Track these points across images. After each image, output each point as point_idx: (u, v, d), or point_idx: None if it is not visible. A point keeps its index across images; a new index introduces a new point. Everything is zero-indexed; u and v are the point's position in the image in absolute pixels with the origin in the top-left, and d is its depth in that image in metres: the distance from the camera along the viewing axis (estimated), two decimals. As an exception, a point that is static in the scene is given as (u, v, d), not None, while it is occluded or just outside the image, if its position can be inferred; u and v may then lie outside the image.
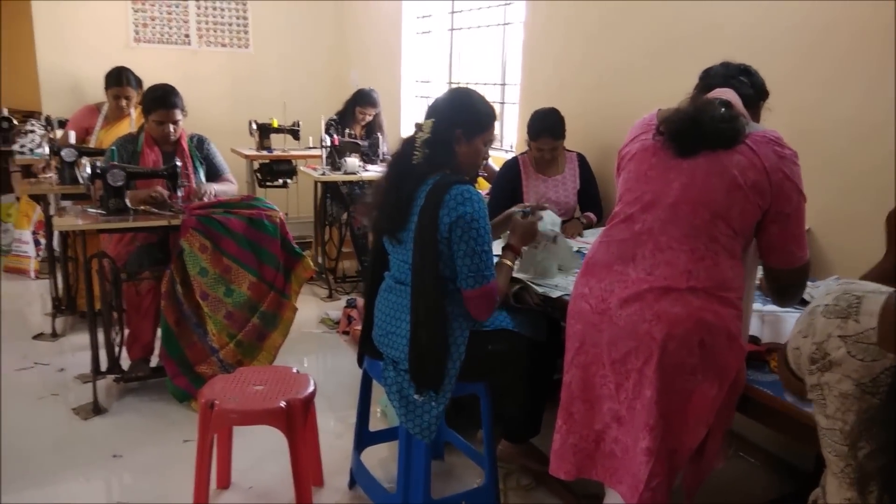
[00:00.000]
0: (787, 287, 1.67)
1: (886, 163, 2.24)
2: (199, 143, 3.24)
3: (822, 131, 2.41)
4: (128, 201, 2.84)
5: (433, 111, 2.01)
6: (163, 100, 3.00)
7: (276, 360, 2.99)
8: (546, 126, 3.09)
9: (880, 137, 2.26)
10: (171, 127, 3.03)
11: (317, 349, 3.66)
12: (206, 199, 2.95)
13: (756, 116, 1.73)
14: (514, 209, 2.30)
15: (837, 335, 0.99)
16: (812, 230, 2.36)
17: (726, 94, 1.63)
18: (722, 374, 1.51)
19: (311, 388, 2.09)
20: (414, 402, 1.95)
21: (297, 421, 1.99)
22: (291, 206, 5.23)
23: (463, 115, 2.00)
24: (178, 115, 3.05)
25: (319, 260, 4.61)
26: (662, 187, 1.57)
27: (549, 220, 2.28)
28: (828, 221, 2.35)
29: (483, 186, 4.01)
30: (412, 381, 1.94)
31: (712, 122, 1.53)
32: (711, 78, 1.73)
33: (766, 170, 1.49)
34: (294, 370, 2.20)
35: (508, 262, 2.11)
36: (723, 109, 1.54)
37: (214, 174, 3.24)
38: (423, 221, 1.90)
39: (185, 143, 3.14)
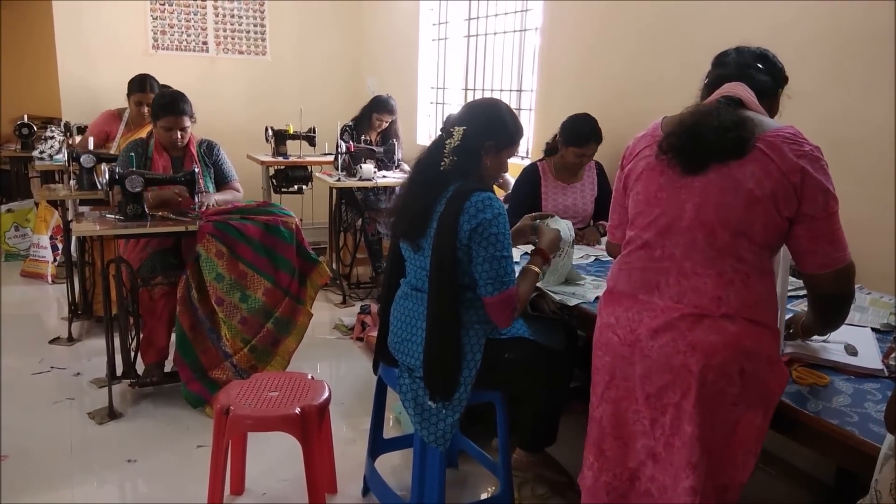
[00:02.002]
0: (828, 299, 1.52)
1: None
2: (209, 148, 3.24)
3: (852, 140, 2.38)
4: (146, 206, 2.86)
5: (464, 119, 1.99)
6: (171, 106, 3.01)
7: (290, 366, 2.99)
8: (594, 131, 3.06)
9: (887, 140, 2.23)
10: (179, 133, 3.04)
11: (331, 355, 3.65)
12: (208, 209, 2.94)
13: (774, 106, 1.63)
14: (525, 220, 2.29)
15: None
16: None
17: (736, 89, 1.53)
18: (766, 400, 1.44)
19: (325, 395, 2.09)
20: (429, 410, 1.94)
21: (311, 427, 1.98)
22: (306, 212, 5.24)
23: (496, 127, 1.99)
24: (187, 121, 3.05)
25: (334, 266, 4.61)
26: (676, 210, 1.49)
27: (566, 227, 2.26)
28: (855, 230, 2.30)
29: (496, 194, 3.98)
30: (427, 389, 1.92)
31: (715, 132, 1.43)
32: (724, 67, 1.63)
33: (784, 173, 1.38)
34: (309, 376, 2.20)
35: (536, 268, 2.07)
36: (728, 112, 1.44)
37: (222, 180, 3.24)
38: (442, 228, 1.89)
39: (193, 149, 3.15)
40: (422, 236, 1.96)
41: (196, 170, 2.91)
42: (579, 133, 3.05)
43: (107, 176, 2.78)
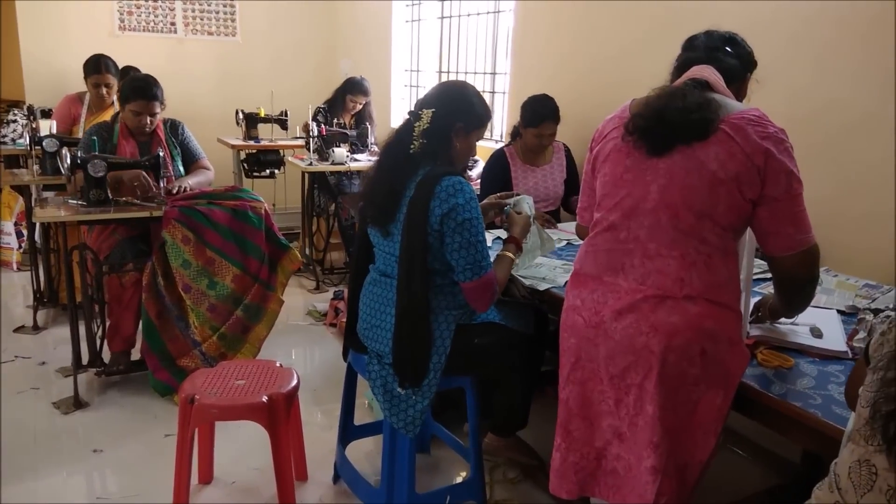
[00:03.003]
0: (793, 281, 1.51)
1: (884, 155, 2.22)
2: (173, 127, 3.15)
3: (817, 121, 2.39)
4: (109, 191, 2.78)
5: (433, 101, 1.96)
6: (143, 90, 2.92)
7: (260, 353, 2.95)
8: (549, 110, 3.06)
9: (878, 129, 2.24)
10: (149, 119, 2.96)
11: (303, 341, 3.62)
12: (179, 193, 2.86)
13: (742, 90, 1.63)
14: (490, 200, 2.28)
15: None
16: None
17: (703, 72, 1.53)
18: (726, 380, 1.45)
19: (294, 382, 2.06)
20: (398, 397, 1.92)
21: (279, 416, 1.96)
22: (279, 196, 5.18)
23: (465, 109, 1.97)
24: (158, 107, 2.97)
25: (307, 251, 4.56)
26: (641, 191, 1.49)
27: (528, 204, 2.25)
28: (821, 212, 2.32)
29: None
30: (396, 375, 1.91)
31: (680, 114, 1.43)
32: (693, 50, 1.62)
33: (748, 155, 1.38)
34: (277, 364, 2.17)
35: (510, 255, 2.07)
36: (694, 94, 1.44)
37: (190, 160, 3.17)
38: (412, 213, 1.86)
39: (161, 133, 3.07)
40: (391, 221, 1.93)
41: (161, 153, 2.84)
42: (534, 113, 3.07)
43: (68, 160, 2.70)
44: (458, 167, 2.03)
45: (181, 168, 3.10)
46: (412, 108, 2.00)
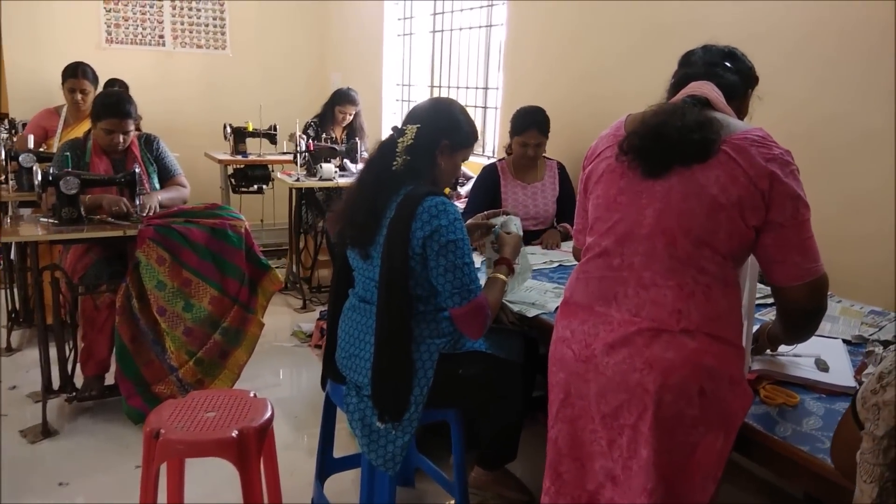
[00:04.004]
0: (799, 312, 1.41)
1: (888, 173, 2.12)
2: (148, 143, 3.03)
3: (818, 137, 2.29)
4: (82, 209, 2.67)
5: (418, 117, 1.87)
6: (115, 107, 2.80)
7: (242, 376, 2.84)
8: (535, 119, 2.98)
9: (882, 146, 2.15)
10: (122, 137, 2.83)
11: (287, 364, 3.49)
12: (149, 213, 2.75)
13: (743, 107, 1.54)
14: (476, 221, 2.19)
15: None
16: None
17: (703, 88, 1.43)
18: (727, 423, 1.34)
19: (267, 415, 1.94)
20: (377, 431, 1.81)
21: (250, 451, 1.83)
22: (267, 212, 5.07)
23: (452, 127, 1.88)
24: (131, 125, 2.85)
25: (294, 269, 4.45)
26: (635, 215, 1.38)
27: (515, 225, 2.16)
28: (823, 234, 2.22)
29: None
30: (375, 409, 1.79)
31: (679, 133, 1.33)
32: (690, 66, 1.53)
33: (751, 178, 1.28)
34: (251, 394, 2.04)
35: (503, 277, 1.97)
36: (694, 112, 1.35)
37: (166, 176, 3.05)
38: (392, 235, 1.76)
39: (137, 150, 2.94)
40: (371, 244, 1.83)
41: (137, 170, 2.73)
42: (520, 121, 3.00)
43: (39, 177, 2.59)
44: (442, 187, 1.93)
45: (157, 184, 2.99)
46: (397, 125, 1.91)
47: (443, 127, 1.87)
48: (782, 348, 1.68)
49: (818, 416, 1.45)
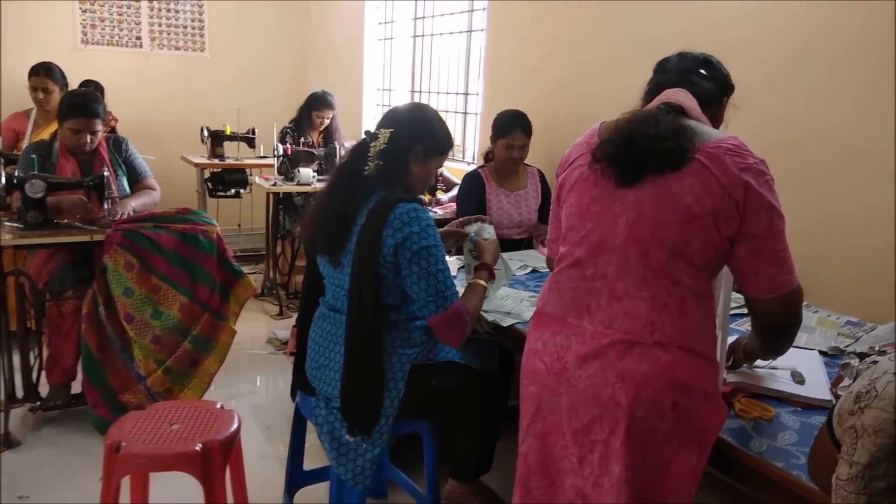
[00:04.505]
0: (773, 325, 1.38)
1: (866, 185, 2.11)
2: (117, 144, 2.95)
3: (797, 150, 2.28)
4: (48, 213, 2.60)
5: (392, 121, 1.84)
6: (83, 107, 2.72)
7: (213, 385, 2.77)
8: (519, 121, 2.96)
9: (860, 158, 2.14)
10: (89, 137, 2.76)
11: (261, 372, 3.43)
12: (121, 217, 2.67)
13: (718, 116, 1.52)
14: (449, 228, 2.16)
15: (893, 371, 0.88)
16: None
17: (677, 95, 1.41)
18: (701, 438, 1.30)
19: (234, 426, 1.88)
20: (346, 445, 1.76)
21: (215, 465, 1.78)
22: (245, 217, 5.00)
23: (426, 133, 1.85)
24: (99, 124, 2.77)
25: (271, 275, 4.38)
26: (608, 225, 1.35)
27: (489, 233, 2.13)
28: (799, 245, 2.20)
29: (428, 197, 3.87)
30: (344, 421, 1.74)
31: (652, 140, 1.30)
32: (665, 73, 1.50)
33: (725, 187, 1.25)
34: (218, 405, 1.98)
35: (483, 282, 1.93)
36: (667, 120, 1.32)
37: (135, 178, 2.97)
38: (363, 243, 1.71)
39: (105, 152, 2.87)
40: (341, 251, 1.78)
41: (105, 173, 2.66)
42: (505, 123, 2.97)
43: (3, 180, 2.51)
44: (415, 194, 1.89)
45: (127, 187, 2.92)
46: (370, 129, 1.88)
47: (417, 132, 1.84)
48: (759, 361, 1.66)
49: (793, 430, 1.42)
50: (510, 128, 2.94)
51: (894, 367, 0.86)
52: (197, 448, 1.75)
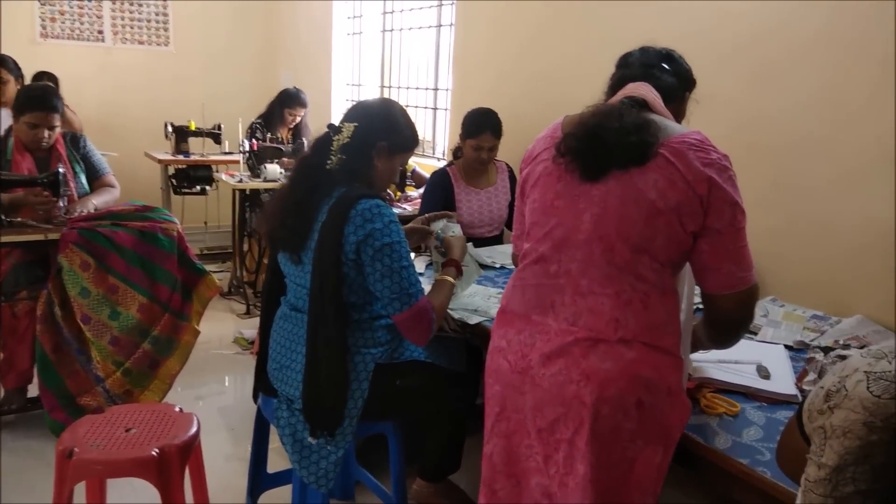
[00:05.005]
0: (726, 321, 1.38)
1: (835, 184, 2.12)
2: (74, 141, 2.85)
3: (759, 144, 2.29)
4: (2, 211, 2.50)
5: (356, 116, 1.79)
6: (41, 101, 2.63)
7: (176, 388, 2.70)
8: (489, 122, 2.91)
9: (822, 151, 2.15)
10: (47, 132, 2.66)
11: (227, 373, 3.36)
12: (78, 215, 2.58)
13: (681, 110, 1.50)
14: (414, 225, 2.12)
15: (863, 370, 0.86)
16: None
17: (640, 89, 1.39)
18: (666, 436, 1.29)
19: (193, 430, 1.82)
20: (309, 447, 1.71)
21: (172, 471, 1.72)
22: (211, 214, 4.92)
23: (391, 128, 1.80)
24: (57, 119, 2.68)
25: (238, 273, 4.31)
26: (573, 220, 1.33)
27: (454, 230, 2.10)
28: (765, 240, 2.20)
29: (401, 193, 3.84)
30: (307, 423, 1.70)
31: (616, 134, 1.28)
32: (628, 67, 1.49)
33: (689, 183, 1.24)
34: (177, 408, 1.92)
35: (451, 279, 1.90)
36: (631, 114, 1.31)
37: (93, 175, 2.88)
38: (324, 239, 1.67)
39: (62, 149, 2.76)
40: (302, 248, 1.73)
41: (61, 170, 2.57)
42: (474, 123, 2.91)
43: (-49, 177, 2.42)
44: (378, 190, 1.85)
45: (85, 185, 2.82)
46: (334, 122, 1.83)
47: (381, 128, 1.80)
48: (725, 355, 1.65)
49: (759, 426, 1.42)
50: (479, 130, 2.90)
51: (865, 366, 0.84)
52: (153, 453, 1.69)
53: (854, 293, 2.08)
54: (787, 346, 1.87)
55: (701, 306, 1.41)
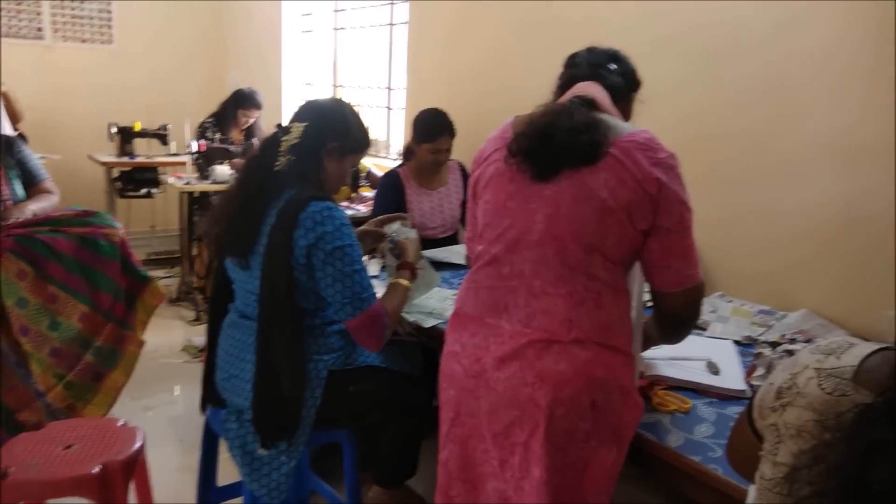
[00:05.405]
0: (675, 318, 1.41)
1: (779, 180, 2.16)
2: (9, 146, 2.71)
3: (716, 144, 2.32)
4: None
5: (305, 115, 1.75)
6: None
7: (120, 401, 2.61)
8: (445, 123, 2.88)
9: (766, 149, 2.19)
10: None
11: (177, 382, 3.27)
12: (14, 222, 2.46)
13: (627, 110, 1.52)
14: (367, 228, 2.08)
15: (814, 367, 0.86)
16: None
17: (589, 89, 1.40)
18: (619, 435, 1.29)
19: (137, 445, 1.75)
20: (260, 459, 1.66)
21: (115, 488, 1.65)
22: (158, 218, 4.78)
23: (342, 129, 1.76)
24: None
25: (187, 278, 4.19)
26: (525, 221, 1.33)
27: (408, 230, 2.08)
28: (712, 237, 2.23)
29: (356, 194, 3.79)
30: (257, 434, 1.65)
31: (568, 134, 1.29)
32: (576, 67, 1.49)
33: (639, 182, 1.26)
34: (120, 422, 1.85)
35: (405, 282, 1.87)
36: (581, 113, 1.31)
37: (30, 182, 2.74)
38: (273, 244, 1.62)
39: None
40: (250, 252, 1.68)
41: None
42: (430, 127, 2.87)
43: None
44: (329, 193, 1.81)
45: (20, 192, 2.69)
46: (282, 122, 1.78)
47: (332, 128, 1.76)
48: (675, 352, 1.67)
49: (710, 422, 1.43)
50: (437, 133, 2.86)
51: (814, 362, 0.85)
52: (95, 470, 1.62)
53: (799, 287, 2.12)
54: (735, 342, 1.90)
55: (651, 304, 1.42)
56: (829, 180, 2.03)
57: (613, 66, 1.47)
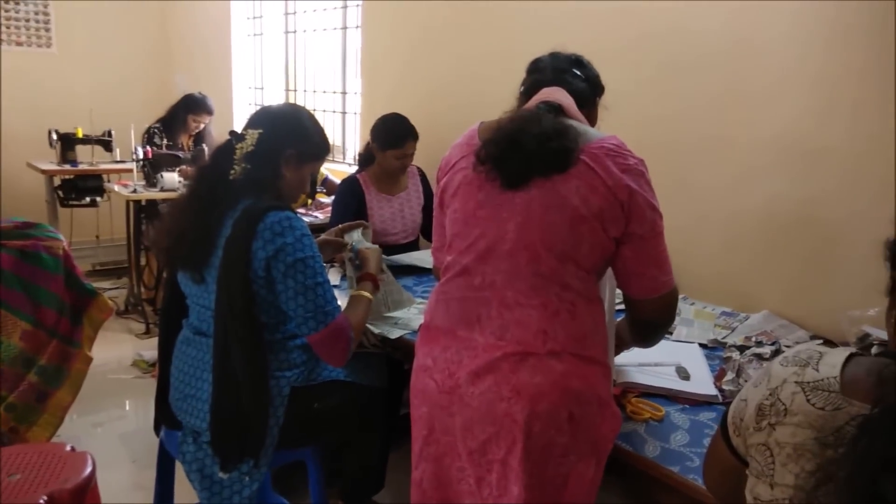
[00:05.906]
0: (649, 324, 1.40)
1: (738, 183, 2.19)
2: None
3: (678, 148, 2.33)
4: None
5: (260, 122, 1.68)
6: None
7: (73, 416, 2.47)
8: (408, 128, 2.82)
9: (727, 153, 2.21)
10: None
11: (127, 398, 3.13)
12: None
13: (593, 116, 1.50)
14: (327, 237, 2.03)
15: (794, 381, 0.83)
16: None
17: (555, 94, 1.37)
18: (597, 448, 1.26)
19: (87, 471, 1.65)
20: (220, 482, 1.58)
21: (64, 519, 1.55)
22: (103, 227, 4.59)
23: (299, 136, 1.69)
24: None
25: (135, 289, 4.03)
26: (496, 230, 1.29)
27: (369, 240, 2.03)
28: (675, 241, 2.24)
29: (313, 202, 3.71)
30: (216, 457, 1.57)
31: (537, 141, 1.26)
32: (540, 72, 1.46)
33: (610, 188, 1.23)
34: (68, 447, 1.74)
35: (367, 294, 1.81)
36: (549, 119, 1.29)
37: None
38: (230, 256, 1.54)
39: None
40: (205, 265, 1.60)
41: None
42: (396, 134, 2.81)
43: None
44: (287, 202, 1.74)
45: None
46: (236, 129, 1.71)
47: (289, 134, 1.69)
48: (645, 358, 1.66)
49: (684, 429, 1.42)
50: (402, 139, 2.80)
51: (792, 376, 0.83)
52: (40, 502, 1.52)
53: (759, 288, 2.15)
54: (700, 345, 1.91)
55: (621, 308, 1.40)
56: (786, 183, 2.06)
57: (577, 72, 1.45)
